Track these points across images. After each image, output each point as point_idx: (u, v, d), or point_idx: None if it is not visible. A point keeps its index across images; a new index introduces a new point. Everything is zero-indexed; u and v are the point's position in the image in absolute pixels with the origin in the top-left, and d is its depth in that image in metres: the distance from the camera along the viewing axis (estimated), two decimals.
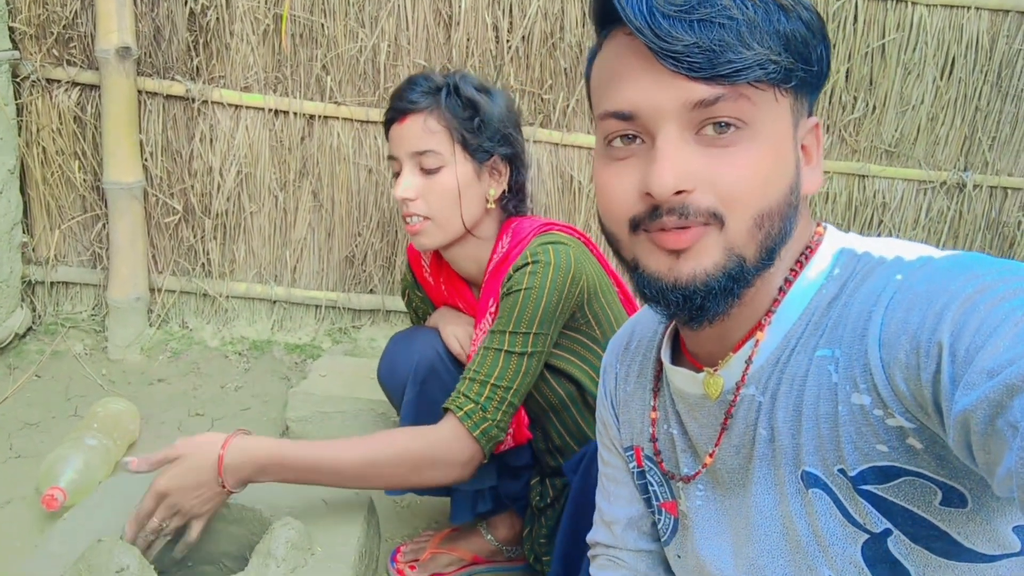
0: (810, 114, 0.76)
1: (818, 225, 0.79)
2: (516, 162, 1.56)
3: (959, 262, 0.64)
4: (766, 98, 0.68)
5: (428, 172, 1.47)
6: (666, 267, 0.71)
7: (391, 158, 1.52)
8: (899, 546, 0.68)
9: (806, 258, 0.76)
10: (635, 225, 0.72)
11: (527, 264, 1.42)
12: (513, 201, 1.58)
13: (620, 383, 0.99)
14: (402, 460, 1.32)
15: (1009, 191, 2.64)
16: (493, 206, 1.54)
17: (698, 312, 0.71)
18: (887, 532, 0.68)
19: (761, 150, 0.68)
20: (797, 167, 0.73)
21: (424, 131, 1.45)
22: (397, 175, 1.51)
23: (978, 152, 2.60)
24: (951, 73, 2.49)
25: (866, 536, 0.69)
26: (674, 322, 0.90)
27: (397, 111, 1.48)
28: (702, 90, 0.66)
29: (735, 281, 0.70)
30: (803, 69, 0.69)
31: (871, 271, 0.70)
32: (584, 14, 2.38)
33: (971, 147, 2.60)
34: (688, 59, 0.64)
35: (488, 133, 1.49)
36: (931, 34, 2.43)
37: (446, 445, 1.35)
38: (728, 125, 0.67)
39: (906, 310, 0.63)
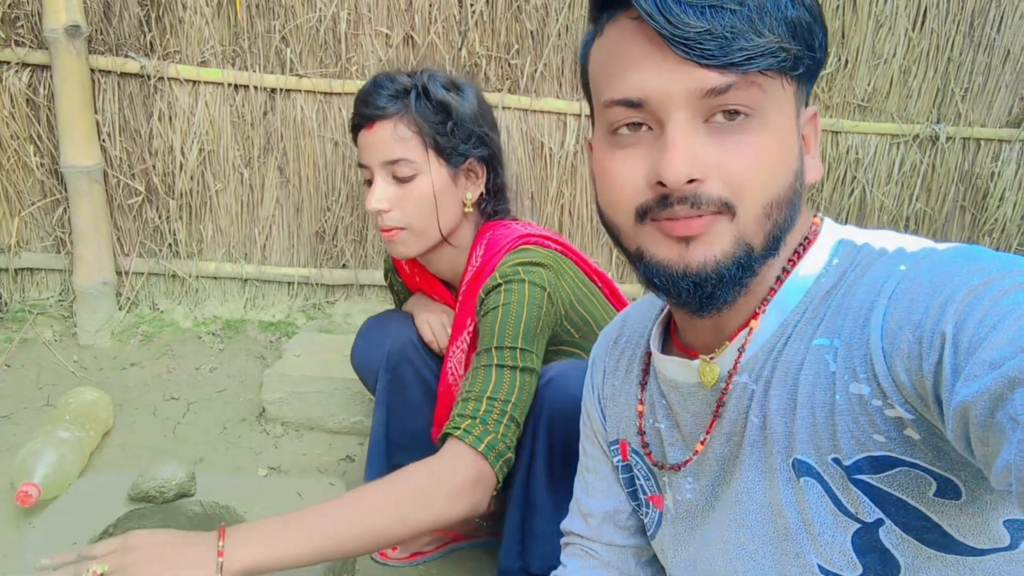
0: (807, 103, 0.75)
1: (814, 216, 0.78)
2: (493, 162, 1.49)
3: (963, 254, 0.64)
4: (774, 86, 0.68)
5: (402, 181, 1.40)
6: (676, 254, 0.70)
7: (361, 166, 1.44)
8: (890, 536, 0.68)
9: (803, 249, 0.76)
10: (642, 214, 0.71)
11: (499, 285, 1.37)
12: (492, 203, 1.52)
13: (608, 377, 0.99)
14: (401, 497, 1.10)
15: (982, 142, 2.63)
16: (471, 210, 1.48)
17: (708, 300, 0.71)
18: (879, 522, 0.68)
19: (770, 138, 0.68)
20: (801, 155, 0.73)
21: (394, 138, 1.38)
22: (369, 183, 1.43)
23: (951, 104, 2.58)
24: (923, 24, 2.46)
25: (857, 525, 0.69)
26: (664, 313, 0.89)
27: (364, 117, 1.40)
28: (714, 78, 0.65)
29: (744, 270, 0.70)
30: (809, 56, 0.69)
31: (872, 262, 0.70)
32: None
33: (944, 99, 2.58)
34: (700, 46, 0.63)
35: (462, 135, 1.42)
36: None
37: (449, 468, 1.16)
38: (738, 113, 0.67)
39: (910, 300, 0.62)
